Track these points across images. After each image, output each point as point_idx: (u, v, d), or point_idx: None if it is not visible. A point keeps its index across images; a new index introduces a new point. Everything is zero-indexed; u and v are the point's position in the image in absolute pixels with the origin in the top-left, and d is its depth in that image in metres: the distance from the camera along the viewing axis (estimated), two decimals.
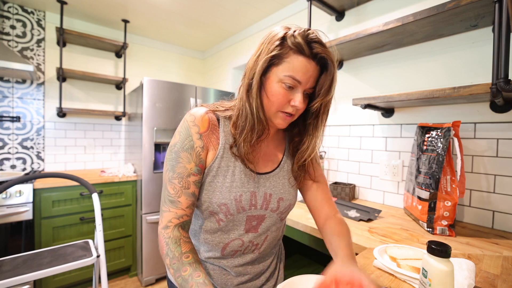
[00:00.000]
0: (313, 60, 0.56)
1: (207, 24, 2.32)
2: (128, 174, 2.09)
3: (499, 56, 0.76)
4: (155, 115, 1.94)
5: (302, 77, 0.56)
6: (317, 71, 0.58)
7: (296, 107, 0.58)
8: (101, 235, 1.22)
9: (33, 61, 2.10)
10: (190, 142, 0.59)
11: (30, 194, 1.65)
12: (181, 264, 0.54)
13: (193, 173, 0.59)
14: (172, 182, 0.59)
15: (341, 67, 1.60)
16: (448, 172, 0.96)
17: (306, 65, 0.55)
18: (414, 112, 1.28)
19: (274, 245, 0.75)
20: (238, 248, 0.66)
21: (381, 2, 1.40)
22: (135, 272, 2.14)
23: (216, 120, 0.62)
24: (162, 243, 0.58)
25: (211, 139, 0.61)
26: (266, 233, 0.68)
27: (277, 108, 0.58)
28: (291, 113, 0.59)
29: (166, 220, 0.59)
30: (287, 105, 0.58)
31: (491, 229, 1.03)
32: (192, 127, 0.60)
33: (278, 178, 0.68)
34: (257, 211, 0.65)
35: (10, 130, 2.01)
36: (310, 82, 0.57)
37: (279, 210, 0.68)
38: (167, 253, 0.56)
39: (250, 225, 0.65)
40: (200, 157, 0.60)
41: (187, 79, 3.05)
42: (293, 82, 0.56)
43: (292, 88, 0.57)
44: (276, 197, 0.66)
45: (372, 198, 1.45)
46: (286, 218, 0.74)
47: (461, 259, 0.67)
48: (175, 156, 0.59)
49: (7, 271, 0.98)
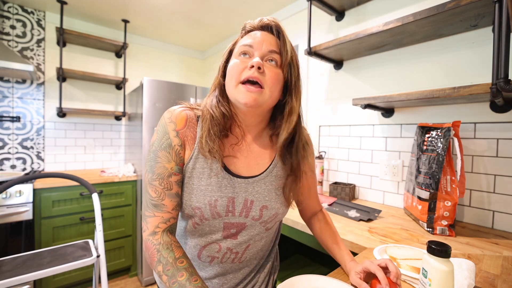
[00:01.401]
0: (266, 31, 0.57)
1: (207, 24, 2.32)
2: (128, 174, 2.09)
3: (499, 56, 0.76)
4: (155, 115, 1.94)
5: (253, 42, 0.55)
6: (274, 40, 0.56)
7: (253, 64, 0.52)
8: (101, 235, 1.22)
9: (33, 61, 2.10)
10: (167, 140, 0.56)
11: (30, 194, 1.65)
12: (176, 269, 0.50)
13: (174, 172, 0.56)
14: (153, 184, 0.55)
15: (341, 67, 1.60)
16: (448, 172, 0.96)
17: (256, 33, 0.57)
18: (414, 112, 1.28)
19: (261, 256, 0.69)
20: (216, 254, 0.62)
21: (381, 2, 1.40)
22: (135, 272, 2.14)
23: (194, 118, 0.59)
24: (152, 250, 0.54)
25: (188, 137, 0.57)
26: (248, 242, 0.63)
27: (236, 80, 0.53)
28: (252, 79, 0.52)
29: (152, 225, 0.55)
30: (245, 70, 0.53)
31: (491, 229, 1.03)
32: (169, 124, 0.56)
33: (264, 184, 0.61)
34: (235, 218, 0.59)
35: (10, 130, 2.01)
36: (265, 45, 0.54)
37: (263, 219, 0.61)
38: (159, 260, 0.52)
39: (228, 232, 0.60)
40: (180, 155, 0.56)
41: (187, 79, 3.05)
42: (245, 48, 0.55)
43: (246, 54, 0.55)
44: (259, 205, 0.60)
45: (372, 198, 1.45)
46: (274, 228, 0.68)
47: (461, 259, 0.67)
48: (153, 156, 0.56)
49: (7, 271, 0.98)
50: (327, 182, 1.67)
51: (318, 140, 1.74)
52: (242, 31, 0.60)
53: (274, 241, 0.74)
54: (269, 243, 0.70)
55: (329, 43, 1.32)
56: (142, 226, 0.58)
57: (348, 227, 1.03)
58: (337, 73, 1.62)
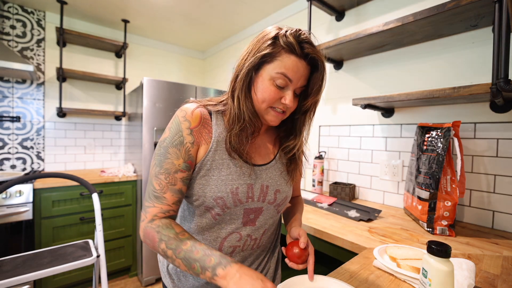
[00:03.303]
0: (304, 60, 0.57)
1: (207, 24, 2.32)
2: (128, 174, 2.09)
3: (499, 56, 0.76)
4: (155, 115, 1.94)
5: (293, 76, 0.57)
6: (307, 71, 0.59)
7: (286, 105, 0.59)
8: (101, 235, 1.22)
9: (33, 61, 2.10)
10: (180, 137, 0.58)
11: (30, 194, 1.65)
12: (179, 241, 0.53)
13: (181, 169, 0.58)
14: (158, 178, 0.58)
15: (341, 67, 1.60)
16: (448, 172, 0.96)
17: (297, 64, 0.56)
18: (414, 112, 1.28)
19: (272, 239, 0.75)
20: (237, 243, 0.65)
21: (381, 2, 1.40)
22: (135, 272, 2.14)
23: (208, 114, 0.62)
24: (152, 233, 0.56)
25: (203, 133, 0.60)
26: (264, 227, 0.68)
27: (268, 104, 0.59)
28: (282, 110, 0.60)
29: (151, 215, 0.58)
30: (278, 102, 0.59)
31: (491, 229, 1.03)
32: (183, 123, 0.59)
33: (274, 170, 0.67)
34: (254, 203, 0.64)
35: (10, 130, 2.01)
36: (301, 81, 0.58)
37: (276, 202, 0.67)
38: (161, 238, 0.54)
39: (247, 218, 0.64)
40: (190, 153, 0.58)
41: (187, 79, 3.05)
42: (284, 80, 0.56)
43: (283, 88, 0.58)
44: (273, 189, 0.66)
45: (372, 198, 1.45)
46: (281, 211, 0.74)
47: (461, 259, 0.67)
48: (163, 151, 0.58)
49: (7, 271, 0.98)
50: (327, 182, 1.67)
51: (318, 140, 1.74)
52: (280, 42, 0.55)
53: (279, 226, 0.80)
54: (276, 226, 0.76)
55: (329, 43, 1.32)
56: (141, 216, 0.60)
57: (348, 227, 1.03)
58: (337, 73, 1.62)
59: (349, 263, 0.73)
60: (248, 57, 0.57)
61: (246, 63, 0.57)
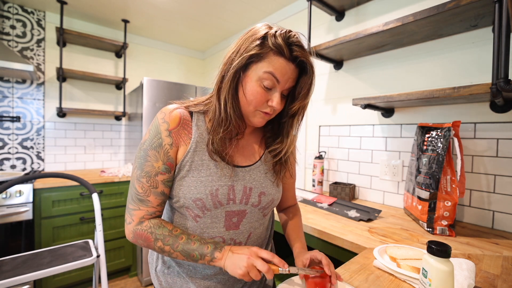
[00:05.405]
0: (293, 63, 0.56)
1: (207, 24, 2.32)
2: (128, 174, 2.09)
3: (499, 56, 0.76)
4: (155, 115, 1.94)
5: (281, 77, 0.56)
6: (295, 74, 0.58)
7: (273, 107, 0.58)
8: (101, 235, 1.22)
9: (33, 61, 2.10)
10: (158, 139, 0.58)
11: (30, 194, 1.65)
12: (175, 237, 0.57)
13: (161, 171, 0.58)
14: (140, 181, 0.58)
15: (341, 67, 1.60)
16: (448, 172, 0.96)
17: (285, 66, 0.55)
18: (414, 112, 1.28)
19: (260, 244, 0.72)
20: None
21: (381, 2, 1.40)
22: (135, 272, 2.14)
23: (188, 115, 0.61)
24: (145, 234, 0.58)
25: (182, 135, 0.59)
26: (249, 231, 0.66)
27: (255, 107, 0.58)
28: (269, 112, 0.60)
29: (137, 217, 0.59)
30: (265, 104, 0.58)
31: (491, 229, 1.03)
32: (162, 124, 0.58)
33: (259, 172, 0.65)
34: (236, 206, 0.62)
35: (10, 130, 2.01)
36: (288, 83, 0.58)
37: (261, 205, 0.65)
38: (156, 238, 0.57)
39: (230, 222, 0.62)
40: (168, 154, 0.58)
41: (187, 79, 3.05)
42: (272, 80, 0.55)
43: (270, 89, 0.57)
44: (257, 191, 0.64)
45: (372, 198, 1.45)
46: (270, 214, 0.72)
47: (461, 259, 0.67)
48: (143, 154, 0.58)
49: (7, 271, 0.98)
50: (327, 182, 1.67)
51: (318, 140, 1.74)
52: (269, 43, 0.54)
53: (270, 230, 0.77)
54: (265, 230, 0.73)
55: (329, 43, 1.32)
56: (126, 218, 0.60)
57: (348, 227, 1.03)
58: (337, 73, 1.62)
59: (349, 263, 0.73)
60: (236, 57, 0.55)
61: (233, 63, 0.55)
